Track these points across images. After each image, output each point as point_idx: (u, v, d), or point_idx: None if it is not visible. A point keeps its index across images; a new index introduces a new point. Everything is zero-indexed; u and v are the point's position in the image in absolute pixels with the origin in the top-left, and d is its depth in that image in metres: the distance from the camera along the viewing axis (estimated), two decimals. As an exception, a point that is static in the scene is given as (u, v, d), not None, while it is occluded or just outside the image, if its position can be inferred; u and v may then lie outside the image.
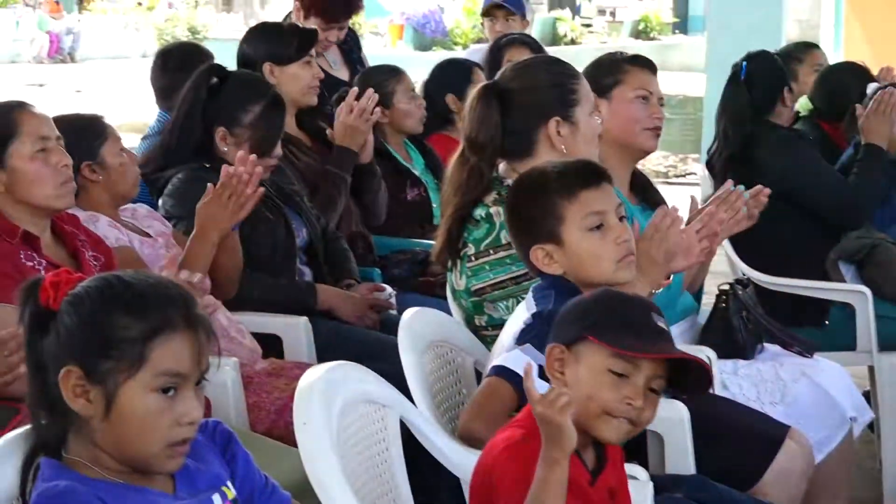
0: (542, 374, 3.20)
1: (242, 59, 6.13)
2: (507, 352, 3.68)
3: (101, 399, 2.57)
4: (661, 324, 3.15)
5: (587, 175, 3.84)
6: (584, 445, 3.10)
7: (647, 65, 5.18)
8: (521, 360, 3.49)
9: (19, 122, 4.30)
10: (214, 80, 5.36)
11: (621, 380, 3.05)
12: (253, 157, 4.77)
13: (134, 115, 12.94)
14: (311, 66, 6.09)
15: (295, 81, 6.04)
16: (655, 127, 5.07)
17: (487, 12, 8.96)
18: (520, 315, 3.82)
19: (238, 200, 4.66)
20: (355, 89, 6.02)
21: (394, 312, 5.35)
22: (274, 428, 4.46)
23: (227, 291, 4.83)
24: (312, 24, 6.92)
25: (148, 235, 4.89)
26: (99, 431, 2.61)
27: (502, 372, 3.61)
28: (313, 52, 6.16)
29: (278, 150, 5.34)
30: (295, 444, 3.79)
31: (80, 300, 2.61)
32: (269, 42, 6.14)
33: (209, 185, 4.71)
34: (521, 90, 4.57)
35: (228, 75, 5.45)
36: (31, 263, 4.17)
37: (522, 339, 3.64)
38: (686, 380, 3.20)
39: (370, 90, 6.01)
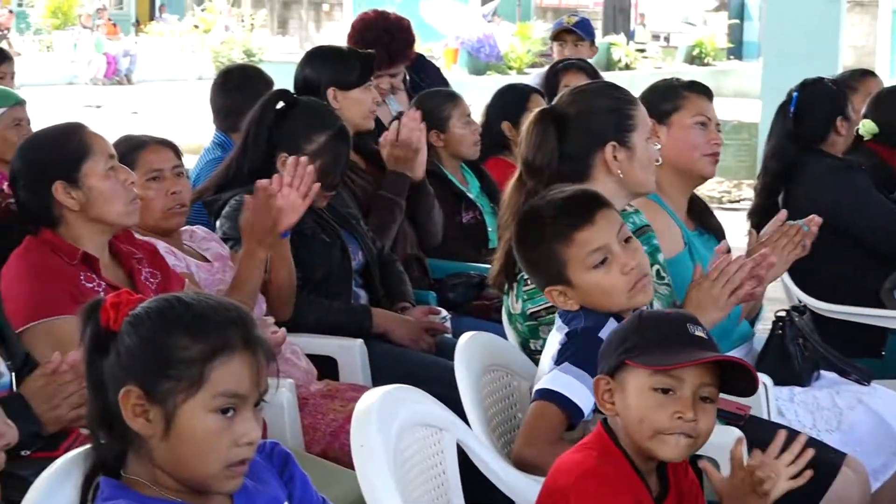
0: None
1: (303, 83, 6.09)
2: (544, 377, 3.71)
3: (161, 419, 2.57)
4: (699, 332, 3.14)
5: (580, 213, 3.80)
6: (649, 471, 3.12)
7: (704, 91, 5.16)
8: (561, 380, 3.61)
9: (90, 142, 4.32)
10: (281, 104, 5.38)
11: (667, 396, 3.06)
12: (304, 159, 4.82)
13: (190, 136, 12.96)
14: (370, 91, 6.10)
15: (357, 106, 6.03)
16: (714, 153, 5.06)
17: (557, 36, 8.98)
18: (554, 338, 3.83)
19: (279, 212, 4.68)
20: (396, 122, 6.01)
21: (449, 336, 5.35)
22: (329, 449, 4.47)
23: (282, 313, 4.84)
24: None
25: (205, 259, 4.90)
26: (158, 451, 2.61)
27: (546, 395, 3.64)
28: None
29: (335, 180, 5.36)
30: (350, 466, 3.79)
31: (140, 321, 2.62)
32: (332, 66, 6.12)
33: (245, 197, 4.77)
34: (579, 115, 4.52)
35: (296, 102, 5.45)
36: (90, 285, 4.17)
37: (560, 359, 3.68)
38: (737, 383, 3.19)
39: (408, 118, 5.99)
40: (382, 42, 7.14)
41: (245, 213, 4.73)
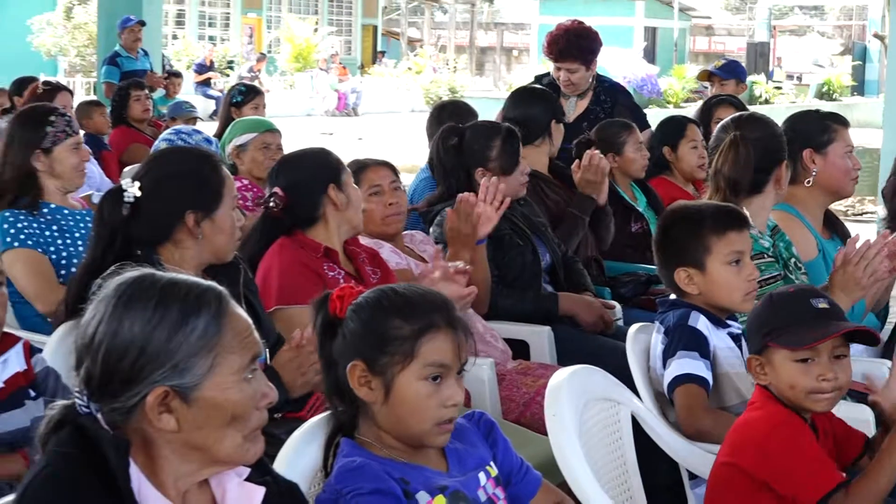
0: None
1: (525, 119, 6.03)
2: (667, 368, 3.73)
3: (381, 387, 2.62)
4: (823, 304, 3.21)
5: (738, 218, 3.90)
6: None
7: (845, 122, 5.10)
8: (686, 365, 3.68)
9: (339, 160, 4.39)
10: (455, 139, 5.38)
11: (809, 364, 3.14)
12: (494, 179, 4.82)
13: (406, 158, 13.04)
14: (561, 127, 6.13)
15: (559, 136, 6.12)
16: (856, 176, 5.03)
17: (709, 77, 8.90)
18: (656, 340, 3.87)
19: (479, 217, 4.67)
20: (591, 151, 5.94)
21: (621, 323, 5.32)
22: (521, 417, 4.46)
23: (479, 308, 4.80)
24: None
25: (422, 259, 4.92)
26: (380, 415, 2.64)
27: (683, 379, 3.68)
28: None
29: (524, 178, 5.38)
30: (539, 431, 3.80)
31: (361, 308, 2.67)
32: (547, 102, 6.17)
33: (447, 210, 4.77)
34: (760, 139, 4.61)
35: (465, 130, 5.45)
36: (332, 273, 4.22)
37: (672, 351, 3.73)
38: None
39: (598, 157, 5.91)
40: (559, 38, 7.26)
41: (448, 222, 4.73)
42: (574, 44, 7.29)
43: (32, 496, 2.06)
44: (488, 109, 6.85)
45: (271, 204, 4.31)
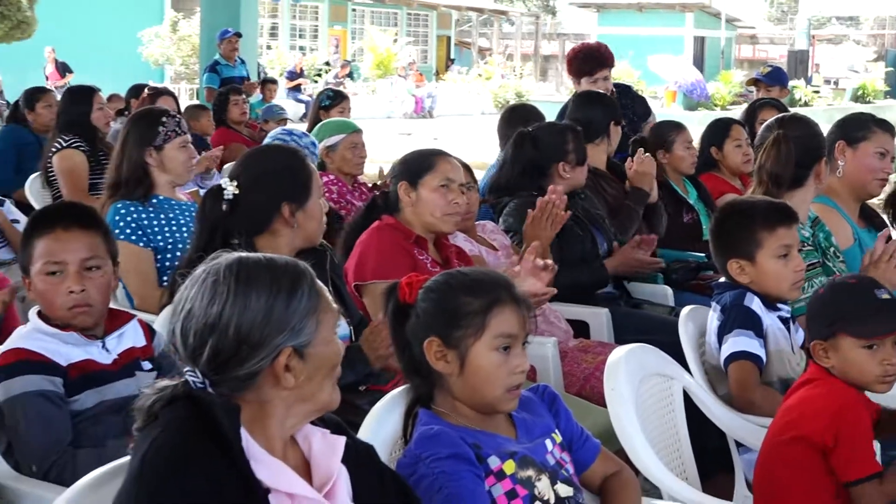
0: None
1: (586, 120, 6.06)
2: (723, 345, 3.71)
3: (457, 359, 2.63)
4: (885, 294, 3.19)
5: (787, 214, 3.85)
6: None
7: (889, 129, 4.99)
8: (740, 343, 3.65)
9: (437, 161, 4.34)
10: (529, 140, 5.40)
11: (874, 350, 3.14)
12: (560, 188, 4.81)
13: (478, 156, 13.02)
14: (618, 129, 6.17)
15: (616, 137, 6.14)
16: (884, 179, 4.93)
17: (755, 82, 8.86)
18: (712, 318, 3.85)
19: (552, 220, 4.67)
20: (641, 151, 5.93)
21: (672, 303, 5.34)
22: (582, 390, 4.45)
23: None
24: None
25: (493, 247, 4.91)
26: (455, 386, 2.65)
27: (738, 356, 3.66)
28: None
29: (586, 171, 5.42)
30: (598, 403, 3.78)
31: (432, 290, 2.69)
32: (607, 106, 6.19)
33: (528, 210, 4.74)
34: (801, 137, 4.59)
35: (538, 132, 5.45)
36: (421, 258, 4.23)
37: (727, 329, 3.72)
38: None
39: (646, 157, 5.92)
40: (592, 52, 7.42)
41: (531, 221, 4.72)
42: (605, 54, 7.39)
43: (154, 457, 2.09)
44: (551, 112, 6.82)
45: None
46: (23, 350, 3.16)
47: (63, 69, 27.02)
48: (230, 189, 3.70)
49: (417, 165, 4.33)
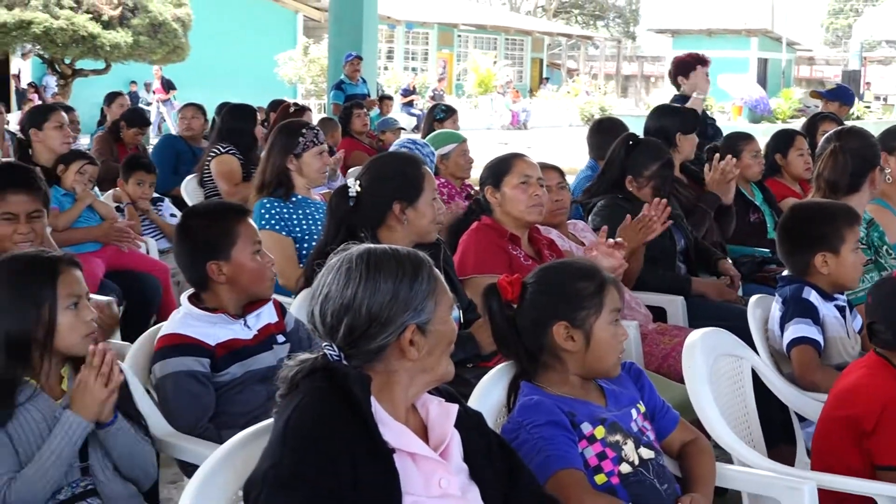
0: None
1: (657, 130, 6.03)
2: (785, 332, 3.67)
3: (583, 337, 2.66)
4: None
5: (856, 215, 3.85)
6: None
7: None
8: (801, 329, 3.62)
9: (515, 162, 4.34)
10: (630, 143, 5.32)
11: None
12: (664, 201, 4.70)
13: (567, 162, 12.94)
14: (691, 138, 6.06)
15: (690, 145, 6.04)
16: None
17: (819, 96, 8.73)
18: (774, 308, 3.79)
19: (645, 229, 4.61)
20: (725, 162, 5.82)
21: (740, 293, 5.24)
22: (660, 368, 4.40)
23: (630, 282, 4.74)
24: None
25: (582, 244, 4.88)
26: (576, 361, 2.68)
27: (799, 341, 3.61)
28: None
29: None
30: (675, 380, 3.73)
31: (543, 283, 2.71)
32: (676, 117, 6.10)
33: (627, 215, 4.67)
34: (856, 148, 4.53)
35: (639, 141, 5.37)
36: (515, 252, 4.21)
37: (788, 318, 3.67)
38: None
39: (731, 160, 5.81)
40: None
41: (623, 226, 4.63)
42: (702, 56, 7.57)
43: (297, 420, 2.12)
44: (631, 124, 6.76)
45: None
46: (177, 335, 3.22)
47: (167, 86, 27.17)
48: (353, 188, 3.76)
49: (497, 169, 4.34)
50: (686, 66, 7.54)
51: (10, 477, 2.68)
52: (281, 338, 3.39)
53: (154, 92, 27.59)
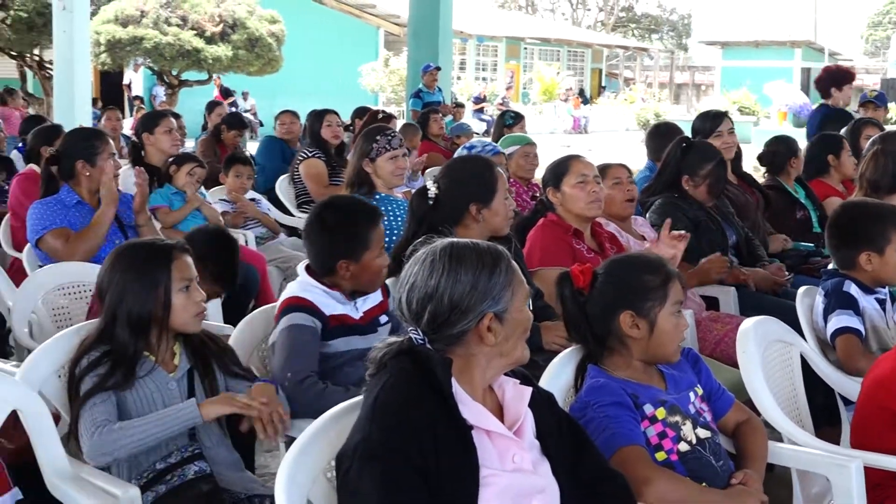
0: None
1: (695, 131, 6.05)
2: (828, 323, 3.59)
3: (647, 326, 2.62)
4: None
5: None
6: None
7: None
8: (844, 320, 3.54)
9: (572, 163, 4.31)
10: (684, 145, 5.26)
11: None
12: (684, 232, 4.59)
13: (625, 163, 12.82)
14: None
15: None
16: None
17: (864, 104, 8.51)
18: (818, 300, 3.71)
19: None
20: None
21: (789, 287, 5.11)
22: (713, 352, 4.35)
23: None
24: None
25: (642, 238, 4.83)
26: (639, 348, 2.64)
27: (843, 330, 3.54)
28: None
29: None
30: (728, 364, 3.67)
31: (613, 275, 2.68)
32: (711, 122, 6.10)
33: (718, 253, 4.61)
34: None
35: (692, 144, 5.30)
36: (579, 247, 4.19)
37: (831, 309, 3.59)
38: None
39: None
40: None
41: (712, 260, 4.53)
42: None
43: (385, 399, 2.12)
44: (685, 129, 6.68)
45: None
46: (298, 297, 3.23)
47: (226, 93, 26.97)
48: (432, 189, 3.75)
49: (557, 171, 4.32)
50: (841, 79, 7.39)
51: (105, 419, 2.72)
52: (384, 318, 3.38)
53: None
